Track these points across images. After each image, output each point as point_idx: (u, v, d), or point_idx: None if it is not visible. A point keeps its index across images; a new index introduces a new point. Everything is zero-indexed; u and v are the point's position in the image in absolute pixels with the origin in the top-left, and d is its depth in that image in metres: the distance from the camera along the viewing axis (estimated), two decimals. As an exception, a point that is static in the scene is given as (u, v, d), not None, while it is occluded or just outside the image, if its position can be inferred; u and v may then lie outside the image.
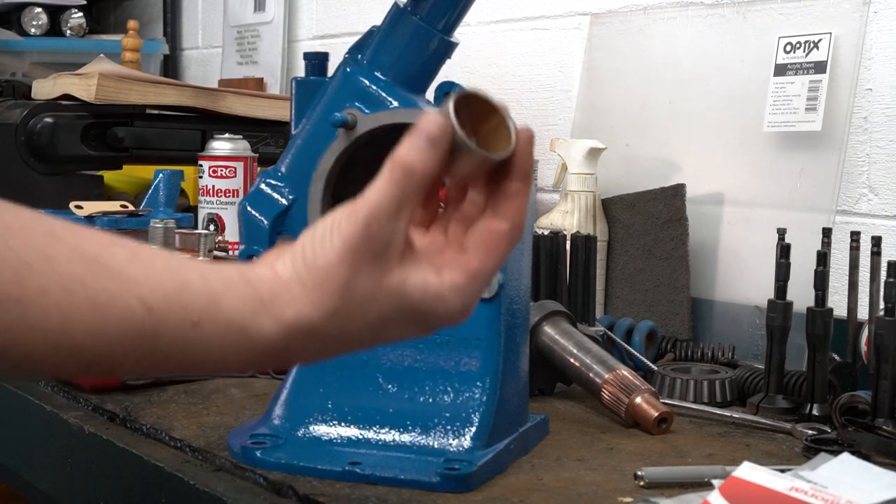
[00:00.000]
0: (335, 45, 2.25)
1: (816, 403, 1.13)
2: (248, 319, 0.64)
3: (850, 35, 1.39)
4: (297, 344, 0.66)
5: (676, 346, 1.39)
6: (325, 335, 0.67)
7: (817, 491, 0.78)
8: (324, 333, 0.66)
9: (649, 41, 1.62)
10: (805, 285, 1.16)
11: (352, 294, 0.66)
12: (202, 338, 0.63)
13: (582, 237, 1.33)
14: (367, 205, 0.66)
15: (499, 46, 1.91)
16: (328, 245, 0.66)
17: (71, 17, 2.69)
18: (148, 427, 1.08)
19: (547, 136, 1.75)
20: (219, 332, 0.63)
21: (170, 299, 0.62)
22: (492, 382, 0.97)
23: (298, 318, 0.65)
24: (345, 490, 0.89)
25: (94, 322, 0.59)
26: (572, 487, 0.92)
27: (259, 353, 0.66)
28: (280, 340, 0.66)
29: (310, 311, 0.65)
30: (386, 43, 0.99)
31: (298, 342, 0.66)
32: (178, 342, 0.62)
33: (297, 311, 0.65)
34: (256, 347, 0.65)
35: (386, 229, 0.65)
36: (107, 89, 1.83)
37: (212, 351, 0.64)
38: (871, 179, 1.38)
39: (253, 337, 0.65)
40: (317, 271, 0.66)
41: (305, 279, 0.66)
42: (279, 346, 0.66)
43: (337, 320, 0.66)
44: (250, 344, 0.65)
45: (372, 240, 0.65)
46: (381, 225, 0.65)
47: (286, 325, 0.65)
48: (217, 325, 0.63)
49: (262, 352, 0.65)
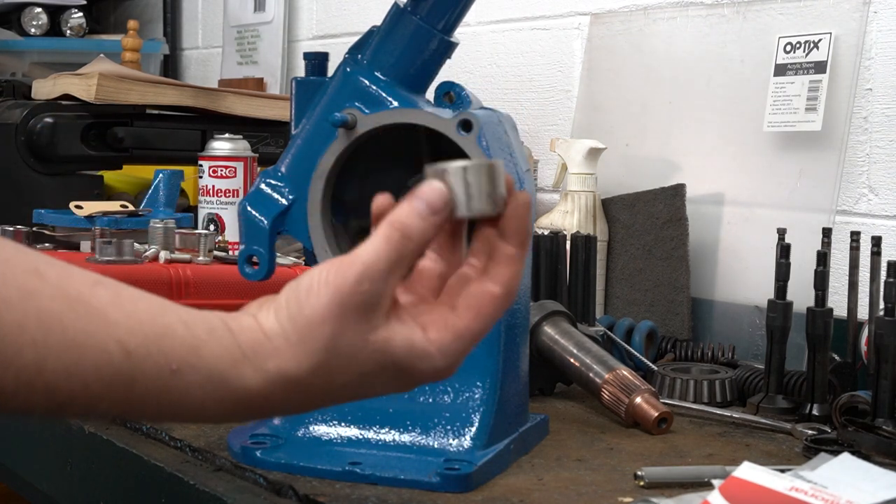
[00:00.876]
0: (335, 45, 2.25)
1: (816, 403, 1.13)
2: (229, 369, 0.64)
3: (850, 35, 1.39)
4: (277, 396, 0.66)
5: (676, 346, 1.39)
6: (306, 389, 0.66)
7: (817, 491, 0.78)
8: (306, 387, 0.66)
9: (649, 41, 1.62)
10: (805, 285, 1.16)
11: (336, 350, 0.65)
12: (181, 385, 0.62)
13: (582, 237, 1.33)
14: (361, 262, 0.65)
15: (499, 46, 1.91)
16: (314, 299, 0.65)
17: (71, 17, 2.69)
18: (148, 427, 1.08)
19: (547, 136, 1.75)
20: (198, 381, 0.63)
21: (150, 344, 0.61)
22: (492, 382, 0.97)
23: (280, 371, 0.65)
24: (345, 490, 0.89)
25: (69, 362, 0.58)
26: (572, 487, 0.92)
27: (238, 403, 0.65)
28: (260, 391, 0.65)
29: (292, 365, 0.65)
30: (386, 43, 0.99)
31: (279, 394, 0.65)
32: (155, 388, 0.61)
33: (278, 364, 0.65)
34: (236, 398, 0.64)
35: (377, 288, 0.65)
36: (107, 89, 1.83)
37: (190, 399, 0.63)
38: (871, 179, 1.38)
39: (233, 387, 0.64)
40: (301, 325, 0.65)
41: (290, 333, 0.65)
42: (259, 397, 0.65)
43: (319, 375, 0.65)
44: (230, 394, 0.64)
45: (362, 298, 0.65)
46: (373, 284, 0.65)
47: (267, 377, 0.65)
48: (197, 373, 0.62)
49: (241, 402, 0.65)
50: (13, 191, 1.84)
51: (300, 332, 0.65)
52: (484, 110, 1.00)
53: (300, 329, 0.65)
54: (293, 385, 0.65)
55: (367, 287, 0.65)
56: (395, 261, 0.65)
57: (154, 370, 0.61)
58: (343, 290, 0.64)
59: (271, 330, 0.66)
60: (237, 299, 1.27)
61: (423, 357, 0.67)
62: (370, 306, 0.65)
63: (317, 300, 0.65)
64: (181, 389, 0.62)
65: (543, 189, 1.78)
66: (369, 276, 0.65)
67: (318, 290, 0.65)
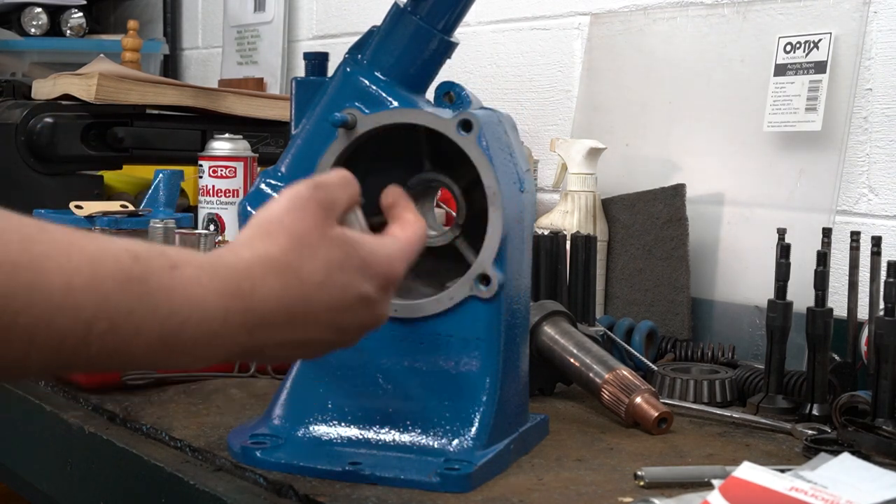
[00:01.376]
0: (335, 45, 2.25)
1: (816, 403, 1.13)
2: (215, 259, 0.72)
3: (850, 35, 1.39)
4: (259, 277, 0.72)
5: (676, 346, 1.39)
6: (285, 270, 0.73)
7: (817, 491, 0.78)
8: (284, 267, 0.73)
9: (649, 41, 1.62)
10: (805, 285, 1.16)
11: (300, 237, 0.75)
12: (182, 280, 0.68)
13: (582, 237, 1.33)
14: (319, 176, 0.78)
15: (499, 46, 1.91)
16: (275, 205, 0.76)
17: (71, 17, 2.69)
18: (148, 427, 1.08)
19: (547, 136, 1.75)
20: (194, 273, 0.69)
21: (150, 249, 0.68)
22: (492, 382, 0.97)
23: (257, 254, 0.73)
24: (345, 490, 0.89)
25: (91, 275, 0.64)
26: (572, 487, 0.92)
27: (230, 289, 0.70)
28: (245, 270, 0.72)
29: (264, 248, 0.73)
30: (386, 43, 0.99)
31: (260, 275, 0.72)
32: (163, 287, 0.67)
33: (253, 250, 0.73)
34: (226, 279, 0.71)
35: (330, 195, 0.77)
36: (107, 89, 1.83)
37: (191, 294, 0.68)
38: (871, 179, 1.38)
39: (221, 271, 0.71)
40: (265, 223, 0.75)
41: (255, 232, 0.75)
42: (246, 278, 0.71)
43: (292, 254, 0.74)
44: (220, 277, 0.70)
45: (316, 199, 0.76)
46: (326, 190, 0.77)
47: (249, 260, 0.73)
48: (191, 266, 0.69)
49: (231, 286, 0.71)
50: (13, 191, 1.84)
51: (266, 228, 0.75)
52: (484, 110, 1.00)
53: (265, 226, 0.75)
54: (270, 263, 0.73)
55: (322, 192, 0.77)
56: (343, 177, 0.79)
57: (160, 269, 0.67)
58: (300, 194, 0.76)
59: (242, 236, 0.76)
60: (237, 299, 1.27)
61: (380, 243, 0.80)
62: (325, 207, 0.76)
63: (275, 208, 0.76)
64: (184, 285, 0.68)
65: (543, 189, 1.78)
66: (324, 184, 0.78)
67: (276, 203, 0.77)
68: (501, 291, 0.97)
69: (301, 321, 0.75)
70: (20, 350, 0.61)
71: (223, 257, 0.72)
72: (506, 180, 0.97)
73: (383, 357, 1.00)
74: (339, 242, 0.76)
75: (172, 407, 1.13)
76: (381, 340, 1.00)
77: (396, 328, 0.99)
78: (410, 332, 0.99)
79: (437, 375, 0.98)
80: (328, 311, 0.76)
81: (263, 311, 0.72)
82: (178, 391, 1.19)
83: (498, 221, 0.96)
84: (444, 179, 1.02)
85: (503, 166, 0.97)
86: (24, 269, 0.61)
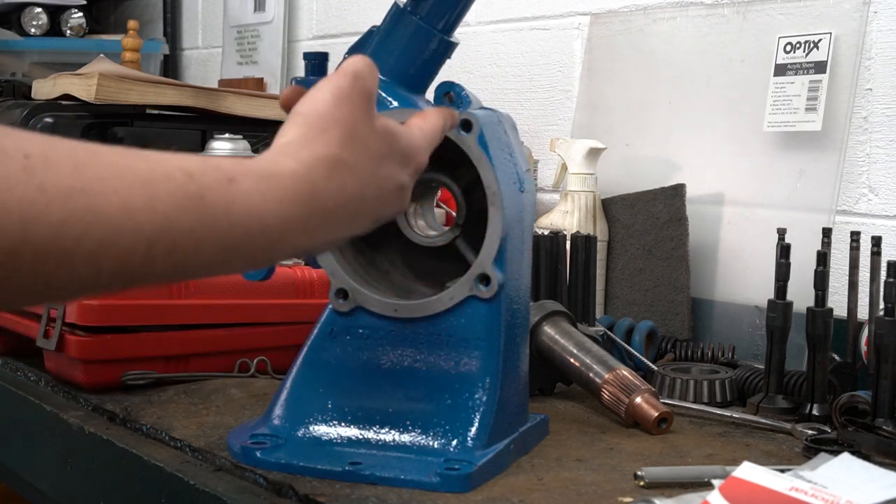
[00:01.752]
0: (335, 45, 2.25)
1: (816, 403, 1.13)
2: (273, 166, 0.72)
3: (850, 35, 1.39)
4: (321, 177, 0.74)
5: (676, 346, 1.39)
6: (342, 166, 0.75)
7: (817, 491, 0.78)
8: (341, 164, 0.75)
9: (649, 41, 1.62)
10: (805, 285, 1.16)
11: (352, 132, 0.76)
12: (241, 193, 0.68)
13: (582, 237, 1.33)
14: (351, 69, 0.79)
15: (499, 46, 1.91)
16: (320, 103, 0.77)
17: (71, 17, 2.69)
18: (148, 427, 1.08)
19: (547, 136, 1.75)
20: (253, 185, 0.69)
21: (204, 164, 0.68)
22: (492, 382, 0.97)
23: (315, 155, 0.74)
24: (345, 490, 0.89)
25: (147, 197, 0.64)
26: (572, 487, 0.92)
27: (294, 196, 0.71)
28: (307, 175, 0.73)
29: (322, 149, 0.74)
30: (386, 43, 0.99)
31: (322, 176, 0.74)
32: (221, 202, 0.67)
33: (311, 151, 0.74)
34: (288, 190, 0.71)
35: (370, 84, 0.79)
36: (107, 89, 1.83)
37: (254, 206, 0.69)
38: (871, 179, 1.38)
39: (282, 179, 0.71)
40: (316, 121, 0.76)
41: (309, 130, 0.75)
42: (307, 182, 0.72)
43: (346, 150, 0.76)
44: (282, 188, 0.71)
45: (360, 90, 0.78)
46: (366, 80, 0.79)
47: (307, 162, 0.73)
48: (249, 177, 0.69)
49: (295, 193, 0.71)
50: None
51: (318, 126, 0.76)
52: (484, 110, 1.00)
53: (316, 124, 0.76)
54: (330, 163, 0.74)
55: (361, 83, 0.78)
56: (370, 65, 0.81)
57: (215, 184, 0.67)
58: (343, 86, 0.78)
59: (294, 134, 0.75)
60: (238, 299, 1.27)
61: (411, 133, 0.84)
62: (369, 97, 0.79)
63: (322, 103, 0.77)
64: (242, 198, 0.68)
65: (543, 189, 1.78)
66: (362, 74, 0.79)
67: (320, 96, 0.77)
68: (501, 291, 0.97)
69: (353, 214, 0.77)
70: (88, 272, 0.61)
71: (280, 163, 0.72)
72: (506, 180, 0.97)
73: (383, 357, 1.00)
74: (384, 134, 0.79)
75: (172, 407, 1.13)
76: (381, 340, 1.00)
77: (396, 328, 0.99)
78: (410, 332, 0.99)
79: (437, 375, 0.98)
80: (375, 200, 0.79)
81: (324, 210, 0.74)
82: (178, 391, 1.19)
83: (498, 221, 0.96)
84: (444, 179, 1.02)
85: (503, 166, 0.97)
86: (79, 193, 0.60)
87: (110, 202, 0.62)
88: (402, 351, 1.00)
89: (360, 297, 1.00)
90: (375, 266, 1.04)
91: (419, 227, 1.04)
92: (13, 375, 1.32)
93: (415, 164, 0.83)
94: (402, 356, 0.99)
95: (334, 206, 0.75)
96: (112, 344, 1.19)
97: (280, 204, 0.70)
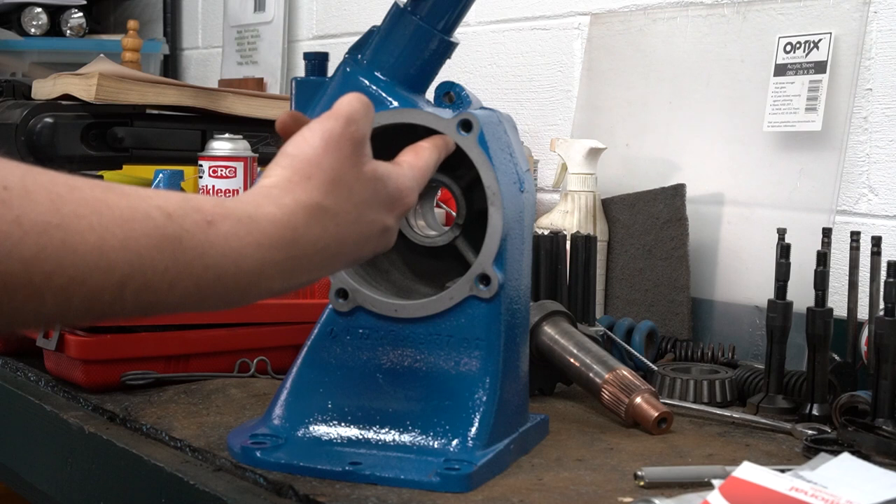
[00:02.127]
0: (335, 45, 2.25)
1: (816, 403, 1.13)
2: (255, 211, 0.72)
3: (850, 35, 1.39)
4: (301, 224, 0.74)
5: (676, 346, 1.39)
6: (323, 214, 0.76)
7: (817, 491, 0.78)
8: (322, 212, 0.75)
9: (649, 41, 1.62)
10: (805, 285, 1.16)
11: (338, 179, 0.77)
12: (219, 236, 0.68)
13: (582, 237, 1.33)
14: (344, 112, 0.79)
15: (499, 46, 1.91)
16: (309, 147, 0.77)
17: (71, 17, 2.69)
18: (148, 427, 1.08)
19: (547, 136, 1.75)
20: (232, 228, 0.69)
21: (184, 205, 0.68)
22: (492, 382, 0.97)
23: (297, 201, 0.74)
24: (345, 490, 0.89)
25: (124, 236, 0.64)
26: (572, 487, 0.92)
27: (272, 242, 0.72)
28: (287, 222, 0.73)
29: (304, 196, 0.75)
30: (386, 43, 0.99)
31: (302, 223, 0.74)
32: (199, 244, 0.67)
33: (294, 197, 0.74)
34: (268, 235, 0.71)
35: (362, 129, 0.79)
36: (107, 89, 1.83)
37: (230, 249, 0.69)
38: (871, 179, 1.38)
39: (262, 225, 0.71)
40: (303, 166, 0.76)
41: (294, 175, 0.76)
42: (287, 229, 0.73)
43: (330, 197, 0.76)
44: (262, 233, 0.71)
45: (351, 136, 0.78)
46: (359, 125, 0.79)
47: (288, 208, 0.74)
48: (228, 220, 0.69)
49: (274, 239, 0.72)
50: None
51: (304, 172, 0.76)
52: (484, 110, 1.00)
53: (302, 169, 0.76)
54: (312, 210, 0.75)
55: (353, 127, 0.78)
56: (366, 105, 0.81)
57: (194, 226, 0.67)
58: (333, 131, 0.78)
59: (279, 177, 0.76)
60: (237, 299, 1.27)
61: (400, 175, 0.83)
62: (359, 143, 0.79)
63: (311, 146, 0.77)
64: (220, 241, 0.68)
65: (543, 189, 1.78)
66: (355, 118, 0.79)
67: (310, 139, 0.78)
68: (501, 291, 0.97)
69: (331, 258, 0.78)
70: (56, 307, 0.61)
71: (261, 207, 0.72)
72: (506, 180, 0.97)
73: (383, 357, 1.00)
74: (371, 180, 0.80)
75: (172, 407, 1.13)
76: (381, 340, 1.00)
77: (396, 328, 0.99)
78: (410, 332, 0.99)
79: (437, 375, 0.98)
80: (355, 244, 0.79)
81: (302, 257, 0.74)
82: (178, 391, 1.19)
83: (498, 221, 0.96)
84: (444, 179, 1.02)
85: (503, 166, 0.97)
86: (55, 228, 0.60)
87: (86, 240, 0.62)
88: (402, 351, 0.99)
89: (360, 297, 1.00)
90: (375, 266, 1.04)
91: (419, 227, 1.04)
92: (13, 375, 1.32)
93: (402, 207, 0.84)
94: (402, 356, 0.99)
95: (313, 251, 0.75)
96: (112, 344, 1.19)
97: (258, 248, 0.71)
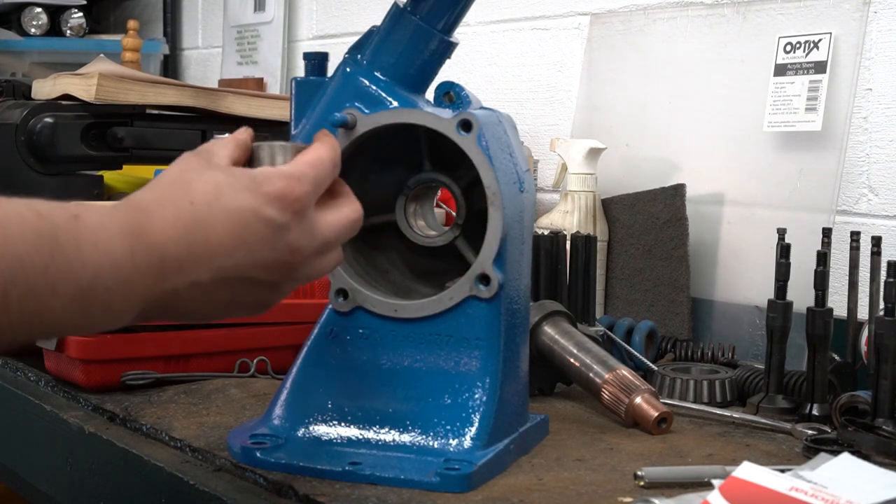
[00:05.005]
0: (335, 45, 2.25)
1: (816, 403, 1.13)
2: (116, 202, 0.73)
3: (850, 35, 1.39)
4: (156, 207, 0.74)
5: (676, 346, 1.39)
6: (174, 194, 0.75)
7: (817, 491, 0.78)
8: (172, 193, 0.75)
9: (649, 41, 1.62)
10: (805, 285, 1.16)
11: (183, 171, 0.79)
12: (87, 228, 0.68)
13: (582, 237, 1.33)
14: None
15: (499, 46, 1.91)
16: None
17: (71, 17, 2.69)
18: (148, 427, 1.08)
19: (547, 136, 1.75)
20: (97, 219, 0.70)
21: (50, 203, 0.69)
22: (492, 382, 0.97)
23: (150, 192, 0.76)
24: (345, 490, 0.89)
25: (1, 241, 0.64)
26: (572, 487, 0.92)
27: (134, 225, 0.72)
28: (141, 203, 0.74)
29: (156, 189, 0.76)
30: (386, 43, 0.99)
31: (158, 206, 0.74)
32: (71, 238, 0.67)
33: (145, 191, 0.76)
34: (128, 217, 0.72)
35: (207, 146, 0.84)
36: (107, 89, 1.83)
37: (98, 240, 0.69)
38: (871, 179, 1.38)
39: (121, 210, 0.72)
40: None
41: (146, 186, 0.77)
42: (143, 212, 0.73)
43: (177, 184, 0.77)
44: (121, 217, 0.72)
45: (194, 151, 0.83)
46: (204, 146, 0.83)
47: (142, 197, 0.75)
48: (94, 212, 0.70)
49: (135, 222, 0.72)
50: (13, 191, 1.82)
51: (152, 181, 0.77)
52: (484, 110, 1.00)
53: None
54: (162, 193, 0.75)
55: (197, 150, 0.81)
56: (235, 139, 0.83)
57: (65, 222, 0.67)
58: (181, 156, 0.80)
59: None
60: (237, 299, 1.27)
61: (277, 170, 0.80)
62: (203, 157, 0.80)
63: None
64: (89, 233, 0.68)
65: (543, 189, 1.78)
66: (201, 147, 0.81)
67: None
68: (501, 291, 0.97)
69: (204, 250, 0.74)
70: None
71: (123, 200, 0.74)
72: (506, 180, 0.97)
73: (383, 357, 1.00)
74: (222, 168, 0.79)
75: (172, 407, 1.13)
76: (381, 340, 1.00)
77: (396, 328, 0.99)
78: (410, 332, 0.99)
79: (437, 375, 0.98)
80: (229, 235, 0.75)
81: (164, 242, 0.72)
82: (178, 391, 1.19)
83: (498, 221, 0.96)
84: (444, 179, 1.02)
85: (503, 166, 0.97)
86: None
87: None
88: (402, 351, 0.99)
89: (360, 297, 1.00)
90: (375, 266, 1.04)
91: (419, 227, 1.04)
92: (13, 375, 1.32)
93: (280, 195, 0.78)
94: (402, 356, 0.99)
95: (174, 235, 0.73)
96: (112, 344, 1.19)
97: (122, 236, 0.70)
